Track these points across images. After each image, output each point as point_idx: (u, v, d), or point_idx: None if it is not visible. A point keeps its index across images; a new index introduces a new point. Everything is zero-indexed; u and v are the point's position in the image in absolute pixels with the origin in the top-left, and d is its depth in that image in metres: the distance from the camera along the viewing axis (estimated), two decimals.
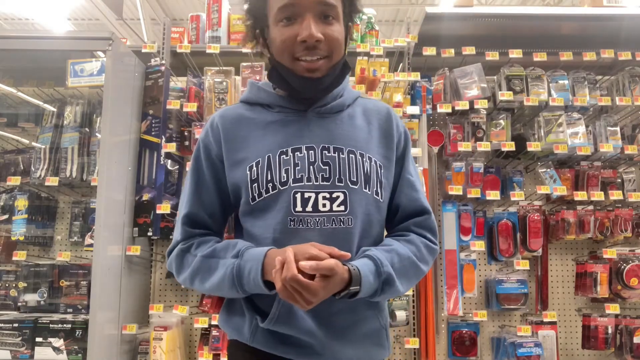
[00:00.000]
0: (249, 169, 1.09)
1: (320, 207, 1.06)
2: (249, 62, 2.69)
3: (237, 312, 1.13)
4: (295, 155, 1.08)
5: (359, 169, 1.10)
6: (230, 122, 1.15)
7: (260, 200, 1.08)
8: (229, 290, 1.05)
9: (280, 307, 1.05)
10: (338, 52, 1.10)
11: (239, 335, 1.11)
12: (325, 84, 1.11)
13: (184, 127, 2.73)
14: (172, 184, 2.74)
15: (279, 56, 1.10)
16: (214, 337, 2.47)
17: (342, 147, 1.10)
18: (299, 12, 1.05)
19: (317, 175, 1.07)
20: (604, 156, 2.66)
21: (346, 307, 1.08)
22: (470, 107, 2.59)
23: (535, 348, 2.41)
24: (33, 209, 2.67)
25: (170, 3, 9.11)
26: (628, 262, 2.50)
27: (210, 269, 1.07)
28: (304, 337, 1.05)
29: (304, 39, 1.03)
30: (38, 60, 2.68)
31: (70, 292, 2.48)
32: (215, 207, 1.16)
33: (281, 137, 1.10)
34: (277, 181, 1.07)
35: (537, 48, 2.63)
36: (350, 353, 1.09)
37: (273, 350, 1.07)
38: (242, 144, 1.12)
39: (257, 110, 1.16)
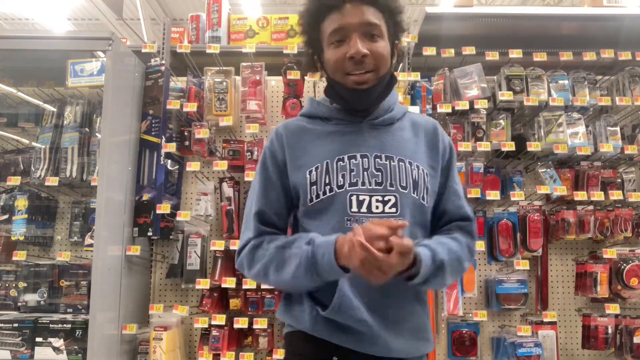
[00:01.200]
0: (308, 173, 1.22)
1: (374, 209, 1.18)
2: (249, 62, 2.69)
3: (296, 303, 1.24)
4: (351, 161, 1.21)
5: (408, 176, 1.21)
6: (292, 132, 1.30)
7: (317, 202, 1.21)
8: (304, 276, 1.13)
9: (340, 297, 1.14)
10: (384, 66, 1.22)
11: (300, 324, 1.21)
12: (373, 95, 1.24)
13: (184, 127, 2.73)
14: (172, 184, 2.74)
15: (332, 74, 1.25)
16: (214, 337, 2.47)
17: (393, 155, 1.22)
18: (347, 34, 1.19)
19: (370, 180, 1.19)
20: (604, 156, 2.66)
21: (398, 300, 1.19)
22: (470, 107, 2.59)
23: (535, 348, 2.41)
24: (33, 209, 2.67)
25: (170, 3, 9.11)
26: (628, 262, 2.50)
27: (285, 258, 1.17)
28: (359, 326, 1.14)
29: (351, 55, 1.17)
30: (38, 60, 2.69)
31: (70, 292, 2.48)
32: (282, 206, 1.27)
33: (338, 145, 1.24)
34: (335, 184, 1.19)
35: (537, 48, 2.63)
36: (400, 344, 1.17)
37: (332, 338, 1.16)
38: (303, 151, 1.26)
39: (317, 123, 1.31)
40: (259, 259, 1.20)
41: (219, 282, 2.49)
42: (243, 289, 2.54)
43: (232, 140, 2.68)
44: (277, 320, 2.64)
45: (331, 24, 1.21)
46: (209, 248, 2.61)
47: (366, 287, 1.14)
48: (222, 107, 2.65)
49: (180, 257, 2.62)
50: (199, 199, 2.64)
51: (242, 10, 8.15)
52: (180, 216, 2.53)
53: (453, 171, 1.33)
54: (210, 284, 2.48)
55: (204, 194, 2.64)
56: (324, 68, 1.30)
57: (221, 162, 2.53)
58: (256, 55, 2.70)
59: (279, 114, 2.82)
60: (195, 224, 2.65)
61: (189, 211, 2.56)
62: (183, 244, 2.62)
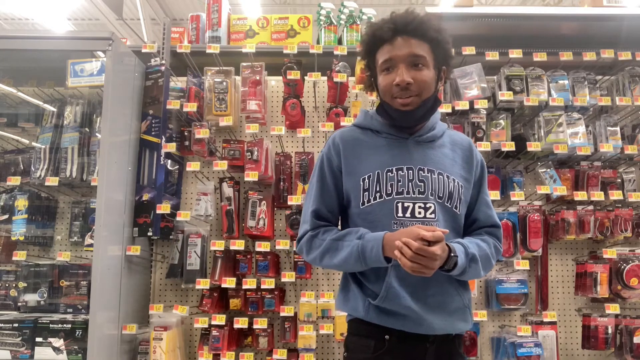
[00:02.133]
0: (362, 180, 1.44)
1: (417, 214, 1.40)
2: (249, 62, 2.69)
3: (352, 295, 1.47)
4: (398, 173, 1.43)
5: (445, 187, 1.43)
6: (348, 141, 1.51)
7: (368, 206, 1.43)
8: (354, 264, 1.39)
9: (387, 289, 1.38)
10: (427, 91, 1.42)
11: (356, 312, 1.44)
12: (417, 115, 1.44)
13: (184, 127, 2.73)
14: (172, 184, 2.74)
15: (383, 96, 1.47)
16: (214, 337, 2.47)
17: (434, 169, 1.44)
18: (395, 64, 1.41)
19: (414, 190, 1.41)
20: (604, 156, 2.66)
21: (437, 289, 1.40)
22: (470, 107, 2.59)
23: (535, 348, 2.41)
24: (33, 209, 2.67)
25: (170, 3, 9.11)
26: (628, 262, 2.50)
27: (338, 248, 1.42)
28: (405, 311, 1.37)
29: (397, 83, 1.39)
30: (38, 60, 2.69)
31: (70, 292, 2.49)
32: (334, 205, 1.51)
33: (388, 157, 1.45)
34: (384, 192, 1.42)
35: (537, 48, 2.63)
36: (441, 324, 1.40)
37: (383, 322, 1.39)
38: (357, 160, 1.47)
39: (369, 135, 1.52)
40: (316, 247, 1.45)
41: (219, 282, 2.49)
42: (243, 289, 2.54)
43: (232, 140, 2.68)
44: (277, 321, 2.64)
45: (383, 54, 1.42)
46: (209, 248, 2.61)
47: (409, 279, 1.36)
48: (222, 107, 2.65)
49: (180, 257, 2.62)
50: (199, 199, 2.64)
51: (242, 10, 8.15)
52: (180, 216, 2.53)
53: (484, 184, 1.55)
54: (210, 284, 2.48)
55: (204, 194, 2.64)
56: (377, 90, 1.51)
57: (221, 162, 2.53)
58: (256, 55, 2.70)
59: (279, 114, 2.82)
60: (195, 224, 2.65)
61: (189, 211, 2.56)
62: (183, 244, 2.62)
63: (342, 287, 1.53)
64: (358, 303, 1.44)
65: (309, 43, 2.89)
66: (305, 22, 2.97)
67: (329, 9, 2.92)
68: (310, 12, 3.23)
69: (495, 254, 1.49)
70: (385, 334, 1.40)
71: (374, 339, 1.41)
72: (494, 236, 1.53)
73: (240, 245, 2.49)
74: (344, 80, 2.60)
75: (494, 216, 1.55)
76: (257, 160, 2.56)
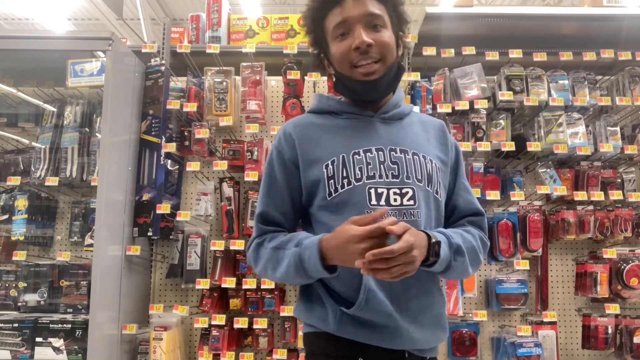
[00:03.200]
0: (325, 167, 1.21)
1: (392, 201, 1.18)
2: (249, 62, 2.69)
3: (316, 302, 1.22)
4: (367, 155, 1.21)
5: (423, 169, 1.23)
6: (302, 127, 1.29)
7: (336, 195, 1.19)
8: (296, 277, 1.16)
9: (367, 293, 1.14)
10: (390, 55, 1.22)
11: (324, 324, 1.19)
12: (382, 85, 1.24)
13: (184, 127, 2.73)
14: (172, 184, 2.74)
15: (340, 67, 1.25)
16: (214, 337, 2.47)
17: (407, 149, 1.23)
18: (350, 26, 1.21)
19: (387, 173, 1.20)
20: (604, 156, 2.66)
21: (419, 292, 1.19)
22: (470, 107, 2.59)
23: (535, 348, 2.41)
24: (33, 209, 2.67)
25: (170, 3, 9.12)
26: (628, 262, 2.50)
27: (279, 259, 1.18)
28: (385, 320, 1.15)
29: (356, 45, 1.18)
30: (38, 60, 2.68)
31: (70, 292, 2.49)
32: (287, 206, 1.27)
33: (352, 139, 1.24)
34: (352, 177, 1.19)
35: (537, 48, 2.63)
36: (423, 335, 1.19)
37: (358, 338, 1.16)
38: (316, 145, 1.25)
39: (327, 118, 1.31)
40: (260, 258, 1.23)
41: (219, 282, 2.49)
42: (243, 289, 2.54)
43: (232, 140, 2.68)
44: (277, 321, 2.64)
45: (334, 18, 1.23)
46: (209, 248, 2.61)
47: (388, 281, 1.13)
48: (222, 107, 2.65)
49: (180, 257, 2.62)
50: (199, 199, 2.64)
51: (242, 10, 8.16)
52: (180, 216, 2.53)
53: (461, 168, 1.36)
54: (210, 284, 2.48)
55: (204, 194, 2.64)
56: (332, 64, 1.30)
57: (221, 162, 2.53)
58: (256, 55, 2.70)
59: (279, 114, 2.82)
60: (195, 224, 2.65)
61: (189, 211, 2.56)
62: (183, 244, 2.62)
63: (304, 291, 1.27)
64: (326, 313, 1.18)
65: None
66: None
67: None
68: None
69: (482, 247, 1.26)
70: (358, 354, 1.16)
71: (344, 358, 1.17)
72: (477, 226, 1.30)
73: (240, 245, 2.49)
74: None
75: (476, 202, 1.34)
76: (257, 160, 2.56)
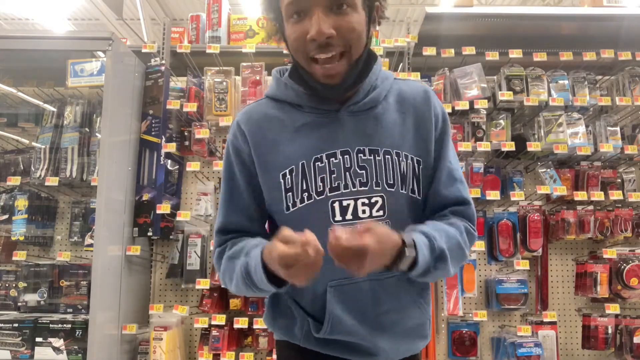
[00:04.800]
0: (282, 177, 1.05)
1: (360, 214, 1.03)
2: (249, 62, 2.69)
3: (284, 312, 1.12)
4: (330, 161, 1.04)
5: (396, 170, 1.06)
6: (256, 124, 1.09)
7: (295, 210, 1.04)
8: (247, 290, 1.02)
9: (331, 319, 1.04)
10: (357, 44, 1.00)
11: (289, 336, 1.10)
12: (347, 84, 1.03)
13: (184, 127, 2.73)
14: (172, 184, 2.73)
15: (295, 55, 1.04)
16: (214, 337, 2.47)
17: (378, 148, 1.06)
18: (307, 7, 0.96)
19: (354, 182, 1.03)
20: (604, 156, 2.66)
21: (393, 305, 1.07)
22: (470, 107, 2.58)
23: (535, 348, 2.41)
24: (33, 209, 2.67)
25: (170, 3, 9.11)
26: (628, 262, 2.50)
27: (233, 269, 1.04)
28: (355, 340, 1.06)
29: (312, 37, 0.95)
30: (38, 60, 2.68)
31: (70, 292, 2.48)
32: (251, 209, 1.11)
33: (314, 141, 1.05)
34: (313, 190, 1.03)
35: (537, 48, 2.63)
36: (399, 347, 1.10)
37: (327, 351, 1.07)
38: (272, 148, 1.07)
39: (286, 109, 1.09)
40: (220, 269, 1.10)
41: (219, 282, 2.49)
42: None
43: None
44: None
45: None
46: (209, 248, 2.61)
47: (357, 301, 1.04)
48: (222, 107, 2.65)
49: (180, 257, 2.62)
50: (199, 199, 2.64)
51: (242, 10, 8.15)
52: (180, 216, 2.53)
53: (446, 148, 1.13)
54: (210, 284, 2.48)
55: (204, 194, 2.64)
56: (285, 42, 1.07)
57: (221, 162, 2.52)
58: (256, 55, 2.70)
59: None
60: (195, 224, 2.65)
61: (189, 211, 2.56)
62: (183, 244, 2.62)
63: (271, 300, 1.14)
64: (294, 325, 1.09)
65: None
66: None
67: None
68: None
69: (469, 240, 1.09)
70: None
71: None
72: (463, 216, 1.11)
73: None
74: None
75: (461, 189, 1.12)
76: None
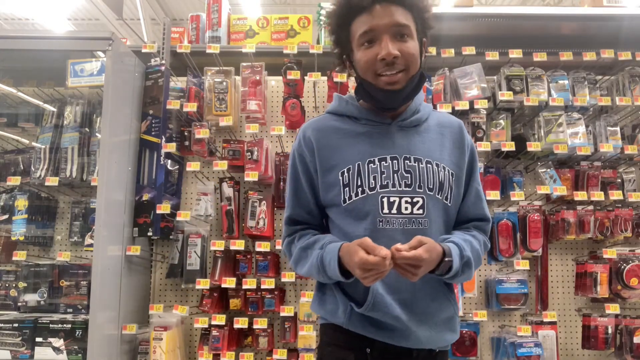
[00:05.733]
0: (340, 174, 1.28)
1: (403, 210, 1.24)
2: (249, 62, 2.69)
3: (329, 298, 1.31)
4: (381, 164, 1.26)
5: (435, 178, 1.27)
6: (322, 133, 1.33)
7: (350, 203, 1.27)
8: (320, 277, 1.25)
9: (374, 296, 1.22)
10: (414, 65, 1.25)
11: (334, 318, 1.29)
12: (404, 94, 1.27)
13: (184, 127, 2.73)
14: (172, 184, 2.74)
15: (363, 74, 1.27)
16: (214, 337, 2.47)
17: (421, 157, 1.28)
18: (377, 35, 1.22)
19: (400, 182, 1.25)
20: (604, 156, 2.66)
21: (428, 295, 1.26)
22: (470, 107, 2.59)
23: (535, 348, 2.41)
24: (33, 209, 2.67)
25: (170, 3, 9.12)
26: (628, 262, 2.50)
27: (306, 257, 1.29)
28: (392, 321, 1.22)
29: (383, 57, 1.21)
30: (38, 60, 2.69)
31: (70, 292, 2.49)
32: (312, 205, 1.36)
33: (369, 147, 1.29)
34: (367, 186, 1.25)
35: (537, 48, 2.63)
36: (430, 336, 1.26)
37: (366, 333, 1.24)
38: (333, 152, 1.30)
39: (345, 121, 1.34)
40: (291, 255, 1.35)
41: (219, 282, 2.49)
42: (243, 289, 2.54)
43: (232, 140, 2.68)
44: (277, 321, 2.64)
45: (361, 25, 1.24)
46: (209, 248, 2.61)
47: (398, 285, 1.22)
48: (222, 107, 2.65)
49: (180, 257, 2.62)
50: (199, 199, 2.64)
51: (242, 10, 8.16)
52: (180, 216, 2.53)
53: (475, 172, 1.39)
54: (210, 284, 2.48)
55: (204, 194, 2.64)
56: (354, 67, 1.32)
57: (221, 162, 2.53)
58: (256, 55, 2.70)
59: (279, 114, 2.82)
60: (195, 224, 2.65)
61: (189, 211, 2.56)
62: (183, 244, 2.62)
63: (319, 287, 1.37)
64: (338, 307, 1.28)
65: (309, 43, 2.89)
66: (305, 22, 2.97)
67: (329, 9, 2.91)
68: (310, 12, 3.22)
69: (484, 251, 1.37)
70: (366, 346, 1.25)
71: (354, 350, 1.25)
72: (482, 231, 1.38)
73: (240, 245, 2.49)
74: (343, 80, 2.60)
75: (485, 208, 1.40)
76: (257, 160, 2.56)
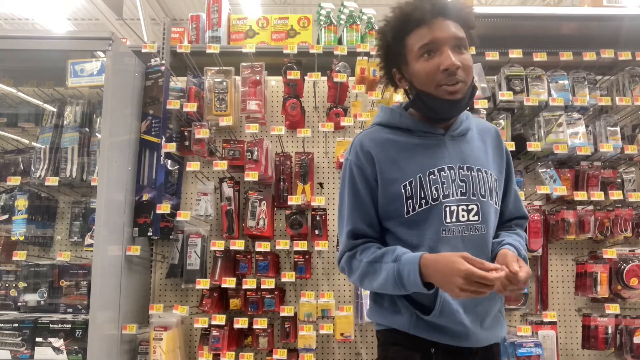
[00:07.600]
0: (403, 187, 1.30)
1: (461, 218, 1.29)
2: (249, 62, 2.69)
3: (390, 307, 1.35)
4: (441, 174, 1.30)
5: (486, 184, 1.33)
6: (380, 146, 1.35)
7: (414, 214, 1.29)
8: (393, 289, 1.26)
9: (442, 303, 1.26)
10: (470, 76, 1.30)
11: (399, 326, 1.32)
12: (463, 104, 1.31)
13: (184, 127, 2.73)
14: (172, 184, 2.74)
15: (422, 85, 1.29)
16: (214, 337, 2.47)
17: (473, 165, 1.33)
18: (438, 47, 1.26)
19: (457, 191, 1.30)
20: (604, 156, 2.66)
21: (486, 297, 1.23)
22: (470, 107, 2.58)
23: (535, 348, 2.40)
24: (33, 209, 2.67)
25: (170, 3, 9.12)
26: (628, 262, 2.50)
27: (375, 272, 1.28)
28: (456, 327, 1.28)
29: (446, 67, 1.23)
30: (38, 60, 2.68)
31: (70, 292, 2.48)
32: (373, 218, 1.35)
33: (427, 158, 1.32)
34: (430, 197, 1.28)
35: (537, 48, 2.63)
36: (487, 335, 1.33)
37: (433, 338, 1.29)
38: (393, 165, 1.32)
39: (397, 133, 1.37)
40: (355, 269, 1.33)
41: (219, 282, 2.49)
42: (243, 289, 2.54)
43: (232, 140, 2.68)
44: (277, 321, 2.64)
45: (420, 38, 1.27)
46: (209, 248, 2.61)
47: None
48: (222, 107, 2.65)
49: (180, 257, 2.62)
50: (199, 199, 2.64)
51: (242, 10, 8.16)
52: (180, 216, 2.53)
53: (512, 174, 1.48)
54: (210, 284, 2.48)
55: (204, 194, 2.64)
56: (409, 80, 1.34)
57: (221, 162, 2.53)
58: (256, 55, 2.70)
59: (279, 114, 2.82)
60: (195, 224, 2.65)
61: (189, 211, 2.56)
62: (183, 244, 2.62)
63: (375, 296, 1.40)
64: (402, 316, 1.32)
65: (309, 43, 2.89)
66: (305, 22, 2.97)
67: (329, 9, 2.92)
68: (310, 12, 3.23)
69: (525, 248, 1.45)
70: (431, 347, 1.30)
71: (420, 351, 1.30)
72: (522, 227, 1.50)
73: (240, 245, 2.49)
74: (344, 80, 2.60)
75: (524, 208, 1.51)
76: (257, 160, 2.56)
